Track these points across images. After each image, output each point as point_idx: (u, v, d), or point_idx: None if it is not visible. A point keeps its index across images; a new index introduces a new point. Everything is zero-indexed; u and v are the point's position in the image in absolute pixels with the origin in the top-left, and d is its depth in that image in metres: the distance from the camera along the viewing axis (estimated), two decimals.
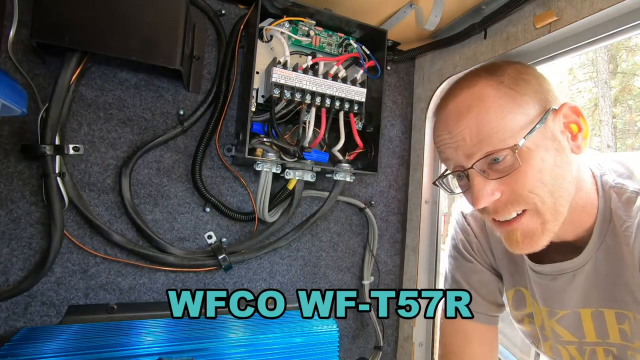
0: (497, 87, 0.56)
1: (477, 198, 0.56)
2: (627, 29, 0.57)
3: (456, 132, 0.57)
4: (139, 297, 0.75)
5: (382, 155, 0.98)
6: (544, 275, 0.66)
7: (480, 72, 0.59)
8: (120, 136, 0.73)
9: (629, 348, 0.61)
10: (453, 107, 0.59)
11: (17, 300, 0.67)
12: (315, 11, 0.75)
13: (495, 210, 0.57)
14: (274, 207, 0.83)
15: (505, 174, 0.54)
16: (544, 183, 0.54)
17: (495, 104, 0.55)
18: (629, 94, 7.58)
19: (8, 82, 0.51)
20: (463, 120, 0.56)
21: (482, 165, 0.56)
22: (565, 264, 0.63)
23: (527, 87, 0.56)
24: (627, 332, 0.61)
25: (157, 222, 0.76)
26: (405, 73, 1.02)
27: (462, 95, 0.58)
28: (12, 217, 0.66)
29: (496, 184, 0.56)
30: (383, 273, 0.99)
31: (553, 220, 0.56)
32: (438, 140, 0.62)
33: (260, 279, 0.85)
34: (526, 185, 0.54)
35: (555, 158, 0.55)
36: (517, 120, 0.54)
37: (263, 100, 0.75)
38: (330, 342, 0.75)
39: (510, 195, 0.55)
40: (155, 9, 0.63)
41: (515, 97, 0.55)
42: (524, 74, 0.58)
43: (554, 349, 0.72)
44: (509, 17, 0.71)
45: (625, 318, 0.60)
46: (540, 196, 0.54)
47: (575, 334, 0.67)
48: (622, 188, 0.58)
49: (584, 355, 0.67)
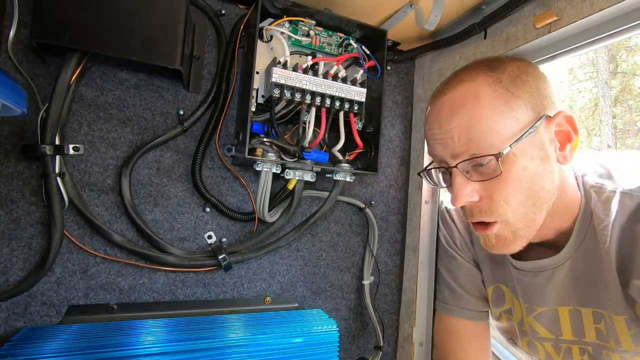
0: (494, 87, 0.56)
1: (455, 197, 0.57)
2: (627, 29, 0.57)
3: (447, 129, 0.57)
4: (139, 297, 0.75)
5: (382, 155, 0.98)
6: (525, 272, 0.67)
7: (482, 66, 0.59)
8: (120, 136, 0.73)
9: (604, 347, 0.62)
10: (448, 99, 0.58)
11: (17, 300, 0.67)
12: (315, 11, 0.75)
13: (470, 213, 0.59)
14: (274, 207, 0.83)
15: (486, 179, 0.55)
16: (520, 192, 0.55)
17: (488, 105, 0.55)
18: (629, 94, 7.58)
19: (8, 82, 0.51)
20: (455, 117, 0.56)
21: (465, 166, 0.57)
22: (545, 261, 0.64)
23: (524, 89, 0.56)
24: (603, 332, 0.61)
25: (157, 222, 0.76)
26: (405, 73, 1.02)
27: (459, 88, 0.58)
28: (12, 217, 0.66)
29: (477, 186, 0.56)
30: (383, 273, 0.99)
31: (524, 228, 0.57)
32: (428, 133, 0.62)
33: (260, 279, 0.86)
34: (502, 193, 0.55)
35: (539, 167, 0.55)
36: (507, 125, 0.54)
37: (263, 100, 0.75)
38: (330, 342, 0.75)
39: (487, 202, 0.56)
40: (155, 9, 0.63)
41: (510, 99, 0.55)
42: (524, 74, 0.57)
43: (531, 344, 0.73)
44: (509, 17, 0.71)
45: (601, 317, 0.61)
46: (512, 207, 0.55)
47: (552, 330, 0.67)
48: (601, 188, 0.59)
49: (559, 352, 0.68)
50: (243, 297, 0.84)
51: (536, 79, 0.58)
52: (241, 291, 0.84)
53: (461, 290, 0.80)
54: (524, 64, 0.59)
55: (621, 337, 0.59)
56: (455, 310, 0.80)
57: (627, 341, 0.59)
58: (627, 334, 0.58)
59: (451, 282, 0.82)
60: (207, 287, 0.80)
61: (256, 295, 0.85)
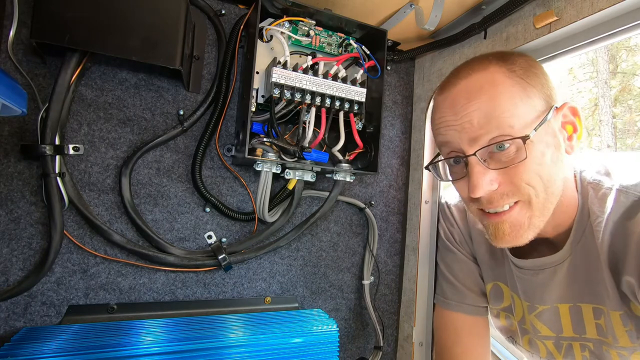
0: (509, 75, 0.55)
1: (474, 187, 0.55)
2: (627, 29, 0.57)
3: (464, 114, 0.55)
4: (139, 297, 0.75)
5: (382, 155, 0.98)
6: (526, 270, 0.67)
7: (491, 58, 0.58)
8: (120, 136, 0.73)
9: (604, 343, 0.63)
10: (463, 87, 0.57)
11: (17, 300, 0.67)
12: (315, 11, 0.75)
13: (489, 201, 0.57)
14: (274, 207, 0.83)
15: (507, 166, 0.54)
16: (541, 177, 0.54)
17: (507, 91, 0.54)
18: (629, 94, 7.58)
19: (8, 82, 0.51)
20: (474, 102, 0.54)
21: (483, 154, 0.55)
22: (546, 259, 0.64)
23: (537, 80, 0.56)
24: (603, 327, 0.62)
25: (157, 222, 0.76)
26: (405, 73, 1.02)
27: (473, 77, 0.57)
28: (12, 217, 0.66)
29: (495, 174, 0.55)
30: (383, 273, 0.99)
31: (540, 216, 0.57)
32: (440, 121, 0.59)
33: (260, 279, 0.86)
34: (524, 177, 0.54)
35: (552, 155, 0.55)
36: (527, 111, 0.54)
37: (263, 100, 0.75)
38: (330, 342, 0.75)
39: (507, 186, 0.55)
40: (155, 9, 0.63)
41: (527, 87, 0.55)
42: (534, 67, 0.58)
43: (532, 343, 0.73)
44: (509, 17, 0.71)
45: (601, 313, 0.61)
46: (535, 189, 0.54)
47: (553, 328, 0.68)
48: (598, 184, 0.59)
49: (560, 349, 0.69)
50: (243, 297, 0.84)
51: (543, 73, 0.59)
52: (241, 291, 0.84)
53: (460, 285, 0.80)
54: (531, 58, 0.60)
55: (617, 333, 0.59)
56: (454, 304, 0.80)
57: (623, 337, 0.59)
58: (622, 329, 0.59)
59: (450, 277, 0.82)
60: (207, 287, 0.80)
61: (256, 295, 0.85)
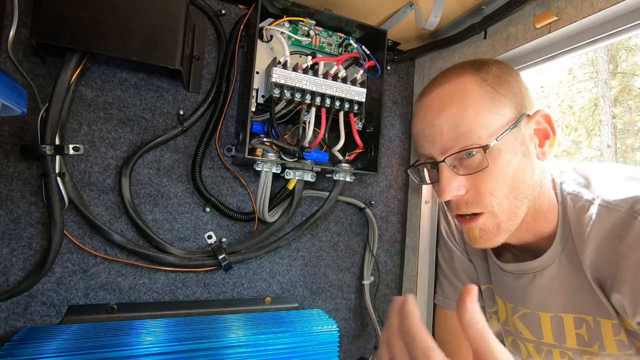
0: (480, 84, 0.59)
1: (442, 191, 0.59)
2: (627, 29, 0.57)
3: (435, 124, 0.60)
4: (139, 297, 0.75)
5: (382, 155, 0.98)
6: (508, 273, 0.70)
7: (468, 66, 0.62)
8: (120, 136, 0.73)
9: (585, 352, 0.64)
10: (436, 96, 0.61)
11: (17, 300, 0.67)
12: (315, 11, 0.75)
13: (457, 206, 0.61)
14: (274, 207, 0.83)
15: (473, 172, 0.57)
16: (504, 184, 0.57)
17: (475, 102, 0.58)
18: (629, 94, 7.58)
19: (8, 82, 0.51)
20: (444, 112, 0.59)
21: (452, 160, 0.59)
22: (527, 264, 0.66)
23: (508, 88, 0.59)
24: (584, 337, 0.63)
25: (157, 222, 0.76)
26: (405, 73, 1.02)
27: (447, 85, 0.61)
28: (12, 217, 0.66)
29: (463, 180, 0.59)
30: (383, 273, 0.99)
31: (508, 221, 0.59)
32: (416, 130, 0.65)
33: (260, 279, 0.86)
34: (488, 186, 0.57)
35: (521, 161, 0.58)
36: (493, 120, 0.57)
37: (263, 100, 0.75)
38: (330, 342, 0.75)
39: (473, 194, 0.58)
40: (155, 9, 0.63)
41: (495, 97, 0.58)
42: (507, 75, 0.61)
43: (514, 344, 0.74)
44: (509, 17, 0.71)
45: (583, 322, 0.62)
46: (497, 199, 0.58)
47: (534, 333, 0.69)
48: (577, 196, 0.61)
49: (540, 353, 0.70)
50: (243, 297, 0.84)
51: (517, 80, 0.62)
52: (241, 291, 0.84)
53: (459, 284, 0.81)
54: (506, 67, 0.63)
55: (606, 341, 0.59)
56: (454, 303, 0.80)
57: (612, 346, 0.59)
58: (612, 338, 0.59)
59: (450, 275, 0.83)
60: (207, 287, 0.80)
61: (256, 295, 0.85)
